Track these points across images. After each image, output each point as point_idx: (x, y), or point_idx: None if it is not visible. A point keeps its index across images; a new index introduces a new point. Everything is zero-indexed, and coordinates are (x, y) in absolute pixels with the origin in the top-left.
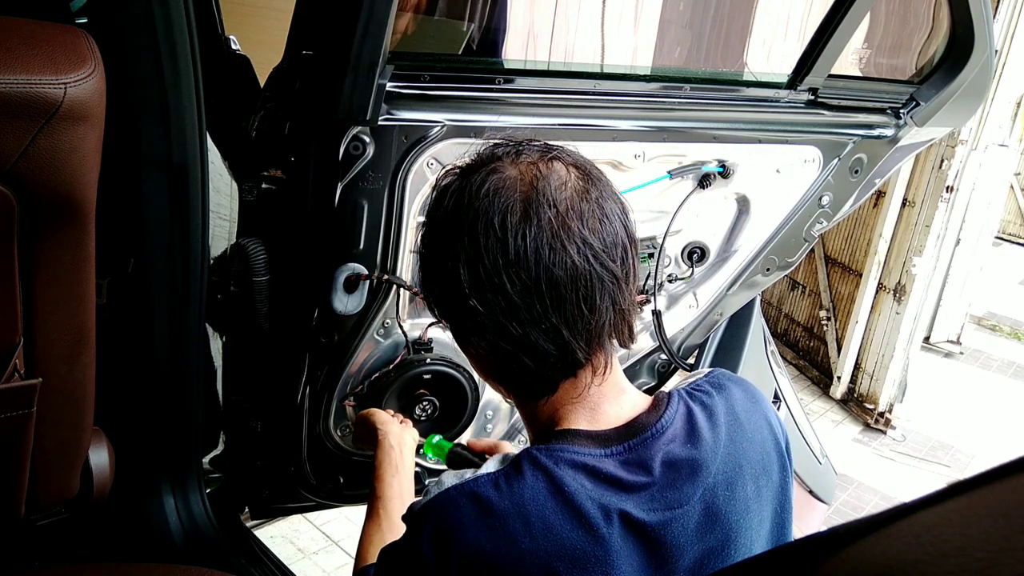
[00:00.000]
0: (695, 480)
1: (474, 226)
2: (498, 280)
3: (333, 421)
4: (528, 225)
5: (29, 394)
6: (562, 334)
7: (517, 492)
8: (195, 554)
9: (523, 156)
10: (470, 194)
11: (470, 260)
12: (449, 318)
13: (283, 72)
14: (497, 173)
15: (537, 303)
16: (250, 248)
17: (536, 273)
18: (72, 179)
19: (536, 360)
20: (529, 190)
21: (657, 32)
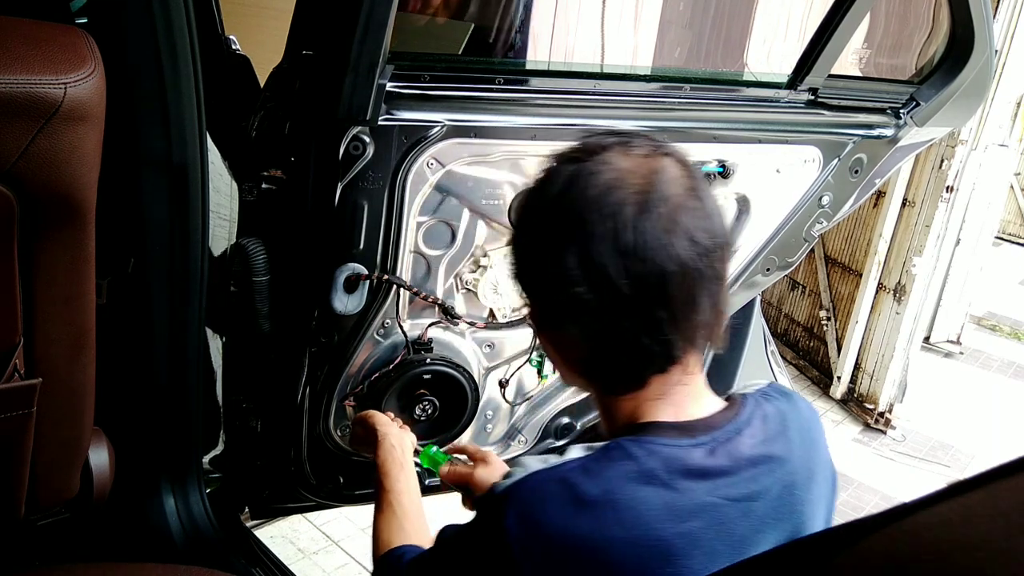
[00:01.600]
0: (773, 475)
1: (588, 215)
2: (610, 271)
3: (333, 421)
4: (643, 218)
5: (29, 394)
6: (663, 329)
7: (607, 479)
8: (195, 554)
9: (634, 149)
10: (584, 182)
11: (581, 248)
12: (542, 303)
13: (283, 72)
14: (610, 164)
15: (645, 296)
16: (250, 248)
17: (647, 266)
18: (72, 179)
19: (632, 354)
20: (644, 183)
21: (657, 32)
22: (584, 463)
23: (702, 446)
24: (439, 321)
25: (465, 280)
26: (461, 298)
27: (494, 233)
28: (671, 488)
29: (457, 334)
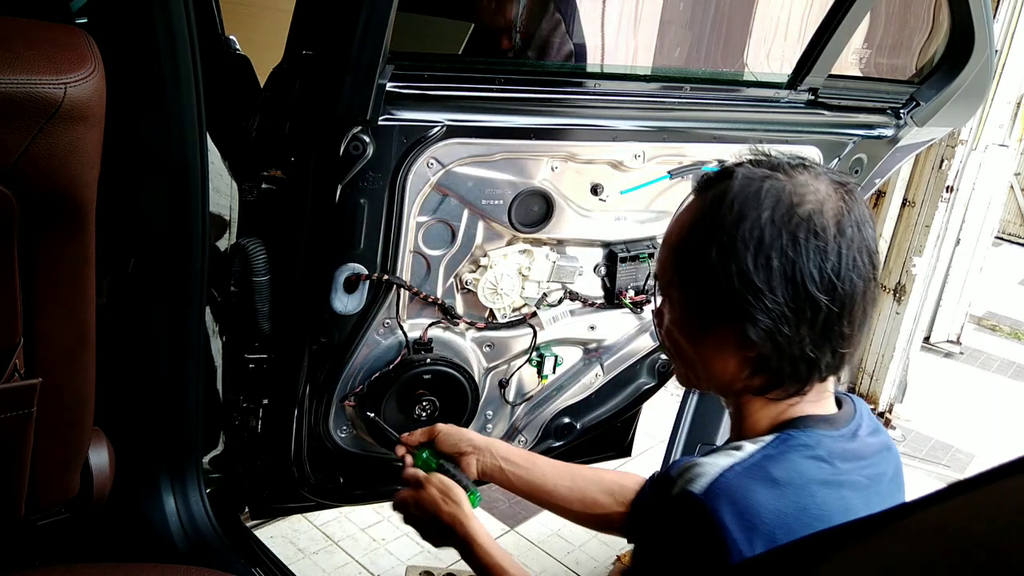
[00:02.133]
0: (888, 460)
1: (799, 232)
2: (813, 287)
3: (333, 421)
4: (843, 240)
5: (29, 394)
6: (843, 343)
7: (791, 462)
8: (195, 554)
9: (819, 173)
10: (793, 200)
11: (789, 262)
12: (722, 307)
13: (283, 72)
14: (810, 186)
15: (837, 312)
16: (250, 248)
17: (844, 285)
18: (72, 179)
19: (808, 363)
20: (840, 207)
21: (657, 32)
22: (765, 452)
23: (844, 436)
24: (439, 321)
25: (465, 280)
26: (461, 298)
27: (494, 233)
28: (835, 468)
29: (457, 334)
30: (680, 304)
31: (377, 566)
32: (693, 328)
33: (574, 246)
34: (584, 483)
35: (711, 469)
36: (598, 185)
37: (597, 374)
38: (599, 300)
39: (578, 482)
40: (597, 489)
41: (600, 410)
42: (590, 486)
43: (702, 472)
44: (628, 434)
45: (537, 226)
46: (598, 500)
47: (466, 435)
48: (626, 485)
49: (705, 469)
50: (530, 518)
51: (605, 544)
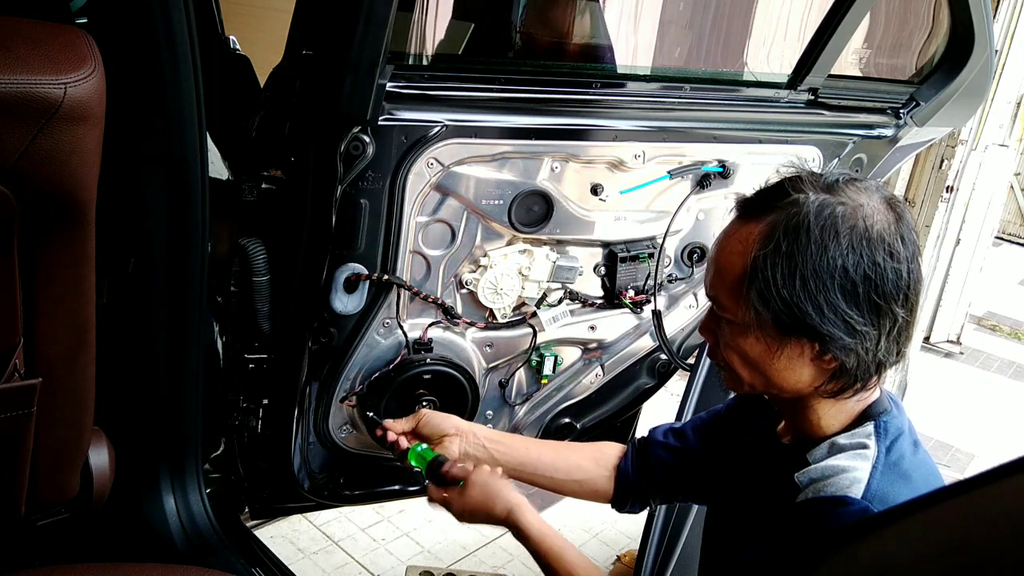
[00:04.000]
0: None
1: (875, 255)
2: (894, 304)
3: (333, 421)
4: (907, 251)
5: (29, 394)
6: (908, 341)
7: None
8: (195, 554)
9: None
10: (864, 224)
11: (870, 286)
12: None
13: (283, 72)
14: (870, 206)
15: (911, 318)
16: (250, 248)
17: (914, 294)
18: (72, 179)
19: (879, 367)
20: (897, 220)
21: (657, 32)
22: (884, 446)
23: (901, 411)
24: (439, 321)
25: (465, 280)
26: (461, 298)
27: (494, 233)
28: (918, 443)
29: (457, 334)
30: (750, 325)
31: (377, 566)
32: (765, 345)
33: (574, 246)
34: (566, 452)
35: (860, 474)
36: (598, 185)
37: (597, 374)
38: (599, 300)
39: (560, 452)
40: (579, 456)
41: (600, 410)
42: (572, 454)
43: (854, 478)
44: (628, 434)
45: (537, 226)
46: (581, 465)
47: (449, 419)
48: (607, 452)
49: (852, 475)
50: None
51: (605, 544)
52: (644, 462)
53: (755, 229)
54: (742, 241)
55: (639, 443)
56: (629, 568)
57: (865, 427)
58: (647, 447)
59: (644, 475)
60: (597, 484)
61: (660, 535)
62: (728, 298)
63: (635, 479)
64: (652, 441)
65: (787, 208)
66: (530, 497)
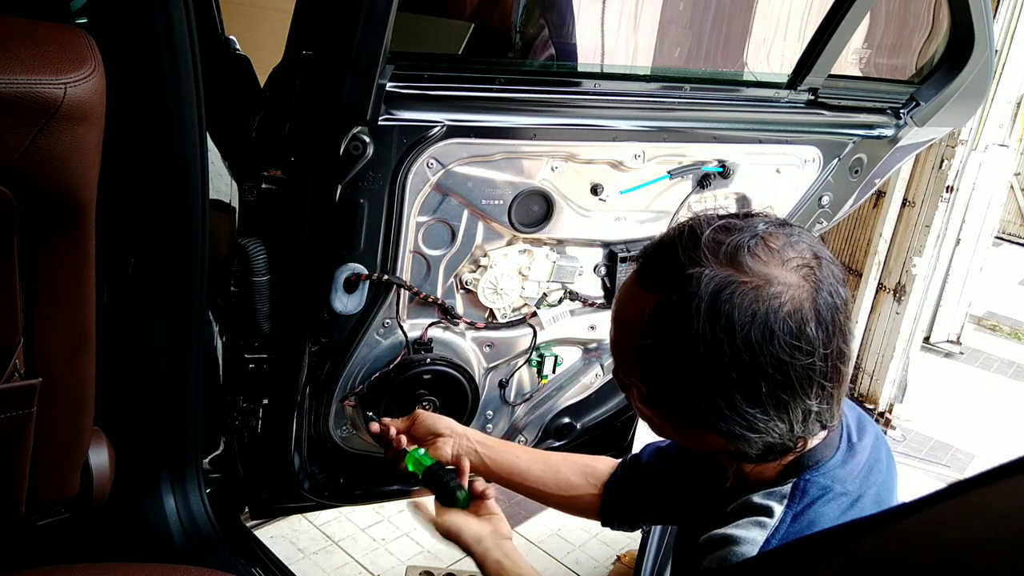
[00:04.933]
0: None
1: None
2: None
3: (333, 421)
4: (824, 333)
5: (29, 394)
6: (830, 417)
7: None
8: (195, 554)
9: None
10: (767, 308)
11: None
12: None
13: (283, 72)
14: (780, 283)
15: (828, 405)
16: (250, 248)
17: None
18: (72, 179)
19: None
20: (812, 293)
21: (657, 32)
22: (792, 510)
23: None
24: (439, 321)
25: (465, 280)
26: (461, 298)
27: (494, 233)
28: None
29: (457, 334)
30: (648, 398)
31: (377, 566)
32: (665, 420)
33: (574, 246)
34: (557, 464)
35: (748, 548)
36: (598, 185)
37: (597, 374)
38: (599, 300)
39: (551, 463)
40: (570, 470)
41: (600, 410)
42: (563, 467)
43: (739, 552)
44: (628, 434)
45: (537, 226)
46: (571, 480)
47: (444, 420)
48: (599, 468)
49: (742, 548)
50: (530, 518)
51: (605, 544)
52: (630, 481)
53: (647, 302)
54: (636, 312)
55: (629, 461)
56: (629, 568)
57: (783, 486)
58: (634, 467)
59: (629, 494)
60: (585, 500)
61: (660, 535)
62: (625, 367)
63: (621, 498)
64: (638, 461)
65: (680, 285)
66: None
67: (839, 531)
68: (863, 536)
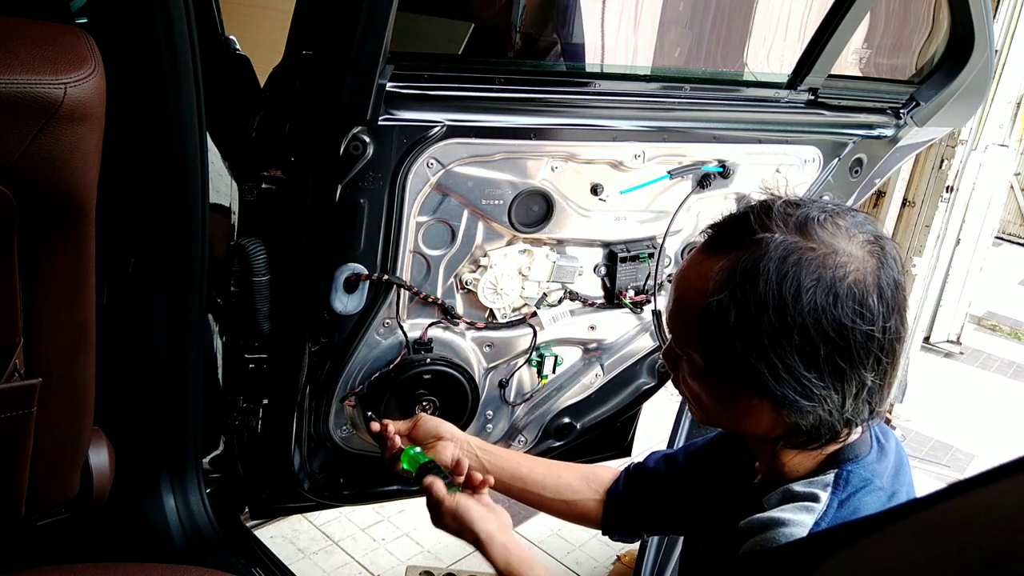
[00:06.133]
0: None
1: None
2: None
3: (333, 421)
4: (884, 307)
5: (29, 394)
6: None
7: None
8: (195, 554)
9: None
10: (833, 276)
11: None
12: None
13: (283, 72)
14: (847, 254)
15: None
16: (250, 248)
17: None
18: (72, 179)
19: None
20: (877, 270)
21: (657, 32)
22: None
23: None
24: (439, 321)
25: (465, 280)
26: (461, 298)
27: (494, 233)
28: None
29: (457, 334)
30: (703, 367)
31: (377, 566)
32: (718, 391)
33: (574, 246)
34: (559, 471)
35: (797, 530)
36: (598, 185)
37: (597, 374)
38: (599, 300)
39: (552, 469)
40: (571, 476)
41: (600, 410)
42: (564, 473)
43: (788, 532)
44: (628, 434)
45: (537, 226)
46: (572, 485)
47: (445, 425)
48: (600, 475)
49: (791, 530)
50: (530, 518)
51: (605, 544)
52: (634, 489)
53: (714, 267)
54: (701, 278)
55: (633, 469)
56: (629, 568)
57: (826, 475)
58: (639, 474)
59: (633, 502)
60: (586, 507)
61: (660, 536)
62: (683, 336)
63: (625, 505)
64: (644, 468)
65: (750, 249)
66: None
67: (839, 531)
68: (863, 535)
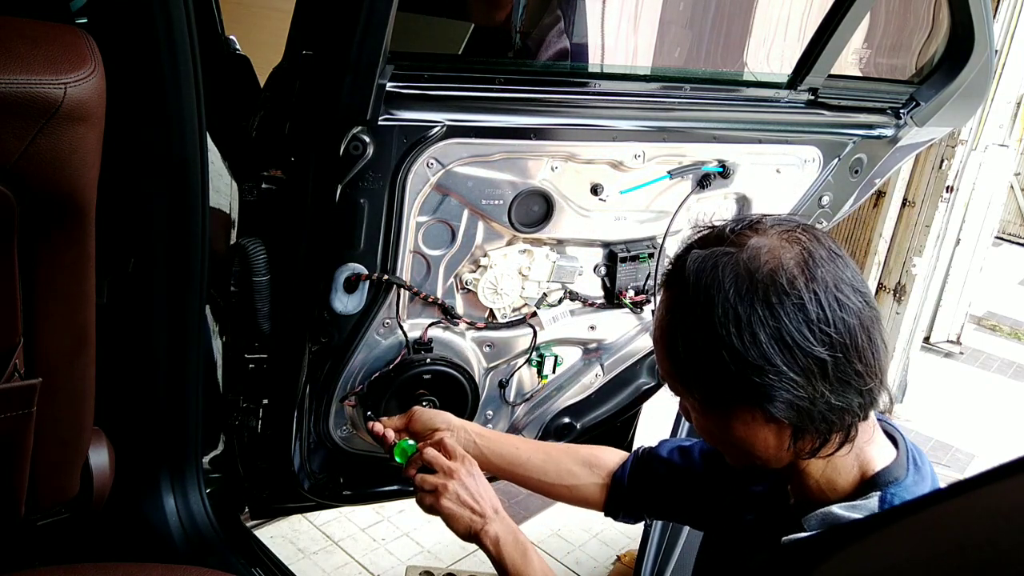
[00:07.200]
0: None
1: (767, 296)
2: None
3: (333, 421)
4: (815, 283)
5: (29, 394)
6: (863, 379)
7: None
8: (195, 554)
9: (763, 227)
10: (748, 267)
11: (773, 328)
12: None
13: (283, 72)
14: (761, 246)
15: (842, 355)
16: (250, 248)
17: (836, 327)
18: (72, 179)
19: (840, 412)
20: (798, 255)
21: (657, 32)
22: None
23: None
24: (439, 321)
25: (465, 280)
26: (461, 298)
27: (494, 233)
28: None
29: (457, 334)
30: (694, 400)
31: (377, 566)
32: (717, 417)
33: (574, 246)
34: (558, 454)
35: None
36: (598, 185)
37: (597, 374)
38: (599, 300)
39: (552, 454)
40: (572, 461)
41: (600, 410)
42: (564, 457)
43: None
44: (628, 434)
45: (537, 226)
46: (572, 470)
47: (441, 415)
48: (603, 458)
49: None
50: (530, 518)
51: (605, 544)
52: (643, 474)
53: (664, 302)
54: (657, 317)
55: (642, 454)
56: (629, 568)
57: (869, 499)
58: (649, 460)
59: (640, 488)
60: (589, 491)
61: (660, 535)
62: (668, 377)
63: (630, 490)
64: (656, 455)
65: (676, 275)
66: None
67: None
68: (863, 535)
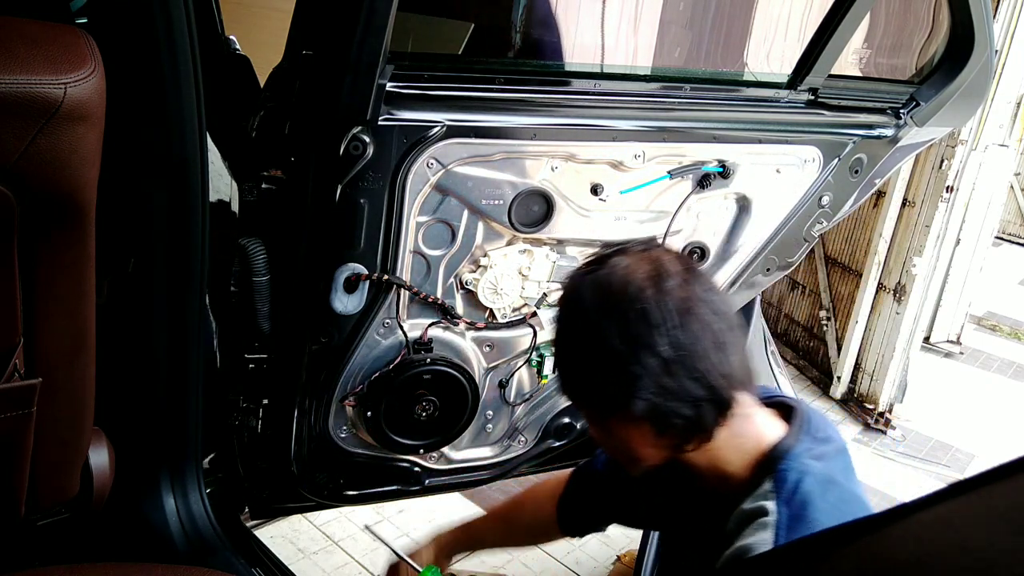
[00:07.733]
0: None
1: (619, 305)
2: (650, 341)
3: (333, 421)
4: (661, 293)
5: (29, 394)
6: (709, 379)
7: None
8: (195, 554)
9: (631, 249)
10: (605, 283)
11: (622, 332)
12: (608, 394)
13: (283, 72)
14: (619, 264)
15: (685, 353)
16: (250, 248)
17: (681, 331)
18: (72, 179)
19: (691, 407)
20: (650, 269)
21: (657, 32)
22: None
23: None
24: (439, 321)
25: (465, 280)
26: (461, 298)
27: (494, 233)
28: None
29: (457, 334)
30: (586, 413)
31: (377, 566)
32: (602, 426)
33: (574, 246)
34: (514, 523)
35: (764, 547)
36: (598, 185)
37: None
38: None
39: (511, 525)
40: (524, 515)
41: None
42: (519, 515)
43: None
44: None
45: (537, 226)
46: (528, 524)
47: (420, 552)
48: (540, 498)
49: (761, 548)
50: None
51: (605, 544)
52: (584, 488)
53: None
54: None
55: (582, 469)
56: (629, 568)
57: (764, 485)
58: (585, 476)
59: (585, 501)
60: (549, 529)
61: (661, 535)
62: (566, 394)
63: (577, 506)
64: (592, 469)
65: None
66: None
67: (839, 531)
68: (863, 535)
